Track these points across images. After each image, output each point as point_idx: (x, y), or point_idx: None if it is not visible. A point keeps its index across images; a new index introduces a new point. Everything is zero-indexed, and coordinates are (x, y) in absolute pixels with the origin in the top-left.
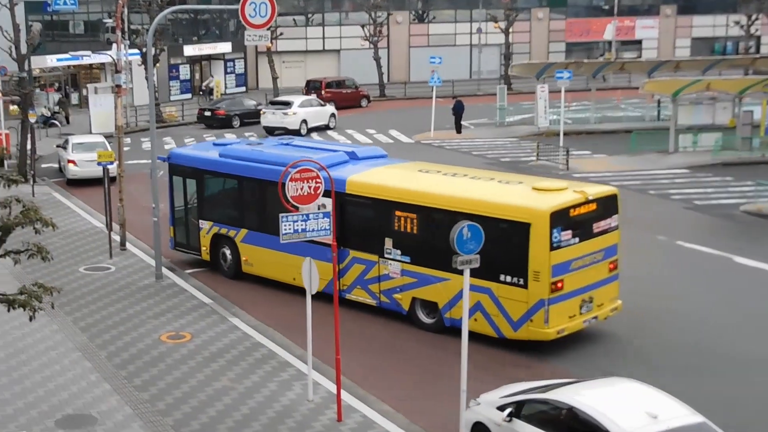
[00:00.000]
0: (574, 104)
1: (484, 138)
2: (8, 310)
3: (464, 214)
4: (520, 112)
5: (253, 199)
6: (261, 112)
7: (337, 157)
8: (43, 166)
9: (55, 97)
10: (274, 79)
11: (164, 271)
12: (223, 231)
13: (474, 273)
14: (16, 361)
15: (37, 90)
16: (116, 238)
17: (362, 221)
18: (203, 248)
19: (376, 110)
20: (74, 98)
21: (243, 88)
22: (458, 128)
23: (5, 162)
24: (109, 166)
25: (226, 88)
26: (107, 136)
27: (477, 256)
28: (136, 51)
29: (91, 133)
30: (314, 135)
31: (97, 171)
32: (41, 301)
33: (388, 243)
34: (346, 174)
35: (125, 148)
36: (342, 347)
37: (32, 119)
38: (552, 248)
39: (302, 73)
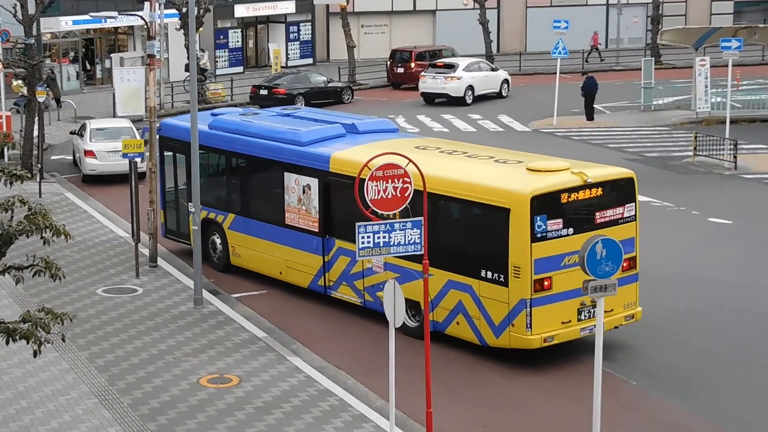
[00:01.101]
0: (745, 83)
1: (624, 126)
2: (7, 343)
3: (443, 197)
4: (672, 93)
5: (240, 179)
6: (420, 75)
7: (331, 131)
8: (54, 158)
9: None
10: (350, 48)
11: (205, 295)
12: (212, 215)
13: (453, 268)
14: (16, 409)
15: (48, 61)
16: (145, 251)
17: (347, 205)
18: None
19: None
20: (99, 71)
21: (309, 60)
22: (589, 113)
23: (5, 152)
24: (137, 159)
25: (287, 59)
26: (135, 120)
27: (615, 282)
28: (174, 12)
29: (114, 116)
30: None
31: (121, 165)
32: (49, 331)
33: None
34: (332, 150)
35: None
36: (435, 393)
37: (41, 98)
38: (535, 239)
39: (386, 41)
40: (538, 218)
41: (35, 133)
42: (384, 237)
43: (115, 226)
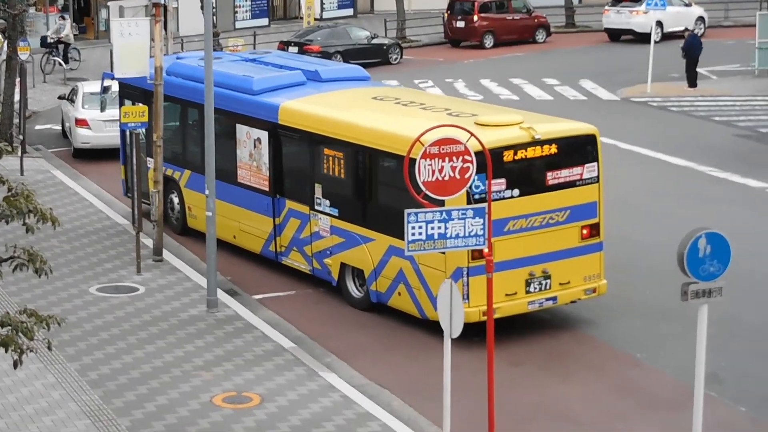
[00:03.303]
0: None
1: (734, 95)
2: None
3: (380, 152)
4: None
5: (195, 132)
6: (603, 11)
7: (288, 78)
8: (39, 127)
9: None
10: None
11: (221, 295)
12: (169, 172)
13: (395, 232)
14: None
15: (32, 10)
16: (148, 242)
17: (296, 161)
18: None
19: (559, 48)
20: (101, 23)
21: (349, 11)
22: (692, 79)
23: None
24: (139, 130)
25: (322, 10)
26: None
27: (720, 286)
28: None
29: (112, 77)
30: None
31: (119, 137)
32: (32, 338)
33: (318, 191)
34: (283, 99)
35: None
36: (500, 423)
37: (23, 55)
38: (472, 200)
39: None
40: (476, 177)
41: (16, 97)
42: (439, 228)
43: (112, 211)
